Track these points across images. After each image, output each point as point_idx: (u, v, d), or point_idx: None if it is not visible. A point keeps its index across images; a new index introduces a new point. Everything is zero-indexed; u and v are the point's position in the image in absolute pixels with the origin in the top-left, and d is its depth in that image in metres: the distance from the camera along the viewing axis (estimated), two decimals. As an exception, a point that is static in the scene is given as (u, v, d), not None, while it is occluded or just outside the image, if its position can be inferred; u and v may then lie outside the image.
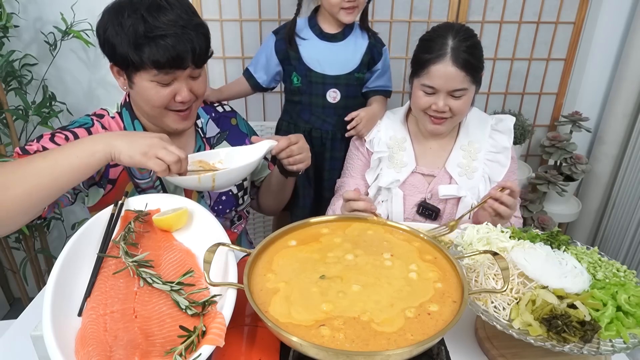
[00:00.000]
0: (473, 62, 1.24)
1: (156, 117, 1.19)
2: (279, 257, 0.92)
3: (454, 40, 1.24)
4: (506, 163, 1.38)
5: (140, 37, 1.05)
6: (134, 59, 1.07)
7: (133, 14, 1.06)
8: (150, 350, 0.73)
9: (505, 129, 1.40)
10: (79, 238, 0.91)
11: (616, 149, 2.14)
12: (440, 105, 1.27)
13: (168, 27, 1.06)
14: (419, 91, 1.30)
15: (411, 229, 1.01)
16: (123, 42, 1.07)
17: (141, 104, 1.17)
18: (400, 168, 1.40)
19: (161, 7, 1.07)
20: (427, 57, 1.26)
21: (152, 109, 1.16)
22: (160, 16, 1.07)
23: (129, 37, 1.06)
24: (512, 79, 2.10)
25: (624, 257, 2.13)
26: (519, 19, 1.98)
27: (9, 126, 1.88)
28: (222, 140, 1.38)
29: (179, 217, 1.00)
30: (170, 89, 1.13)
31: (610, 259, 0.98)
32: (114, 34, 1.07)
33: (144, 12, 1.06)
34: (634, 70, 1.96)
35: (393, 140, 1.43)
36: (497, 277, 0.90)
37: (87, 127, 1.17)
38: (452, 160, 1.39)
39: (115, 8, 1.09)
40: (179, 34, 1.07)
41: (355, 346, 0.73)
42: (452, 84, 1.25)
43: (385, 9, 1.94)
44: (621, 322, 0.83)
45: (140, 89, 1.13)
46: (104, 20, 1.10)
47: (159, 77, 1.10)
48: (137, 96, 1.16)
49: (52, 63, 1.94)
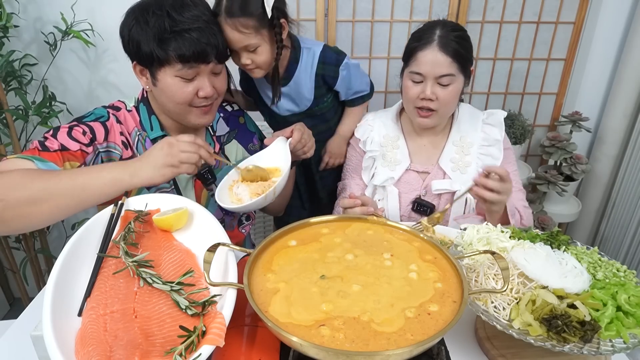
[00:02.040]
0: (460, 50, 1.25)
1: (179, 114, 1.21)
2: (279, 257, 0.92)
3: (442, 30, 1.26)
4: (499, 156, 1.38)
5: (165, 32, 1.09)
6: (159, 54, 1.10)
7: (158, 11, 1.10)
8: (150, 350, 0.73)
9: (496, 122, 1.40)
10: (79, 238, 0.91)
11: (616, 149, 2.14)
12: (428, 93, 1.27)
13: (192, 21, 1.11)
14: (408, 81, 1.31)
15: (411, 229, 1.01)
16: (148, 38, 1.10)
17: (165, 102, 1.19)
18: (394, 166, 1.40)
19: (185, 4, 1.12)
20: (415, 45, 1.28)
21: (176, 105, 1.18)
22: (185, 12, 1.11)
23: (155, 32, 1.09)
24: (512, 79, 2.10)
25: (624, 257, 2.13)
26: (519, 19, 1.98)
27: (9, 126, 1.88)
28: (231, 139, 1.40)
29: (179, 217, 1.00)
30: (193, 85, 1.15)
31: (610, 259, 0.98)
32: (139, 31, 1.10)
33: (169, 8, 1.10)
34: (634, 70, 1.96)
35: (386, 138, 1.43)
36: (497, 277, 0.90)
37: (102, 121, 1.18)
38: (445, 156, 1.40)
39: (141, 7, 1.13)
40: (203, 28, 1.11)
41: (355, 346, 0.73)
42: (438, 70, 1.25)
43: (385, 9, 1.94)
44: (621, 322, 0.83)
45: (164, 86, 1.15)
46: (129, 20, 1.13)
47: (182, 72, 1.12)
48: (161, 93, 1.18)
49: (52, 63, 1.94)
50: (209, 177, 1.31)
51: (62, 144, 1.10)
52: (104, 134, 1.18)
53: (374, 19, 1.95)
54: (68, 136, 1.12)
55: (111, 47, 1.96)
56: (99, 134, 1.17)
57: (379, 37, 1.99)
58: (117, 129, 1.20)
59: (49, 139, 1.11)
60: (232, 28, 1.23)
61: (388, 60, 2.03)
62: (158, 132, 1.25)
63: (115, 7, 1.88)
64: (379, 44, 2.01)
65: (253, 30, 1.25)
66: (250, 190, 1.17)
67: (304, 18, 1.94)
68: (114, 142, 1.20)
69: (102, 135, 1.17)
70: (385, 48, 2.01)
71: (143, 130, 1.24)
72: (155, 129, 1.25)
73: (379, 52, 2.02)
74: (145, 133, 1.24)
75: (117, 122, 1.20)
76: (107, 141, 1.18)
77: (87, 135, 1.15)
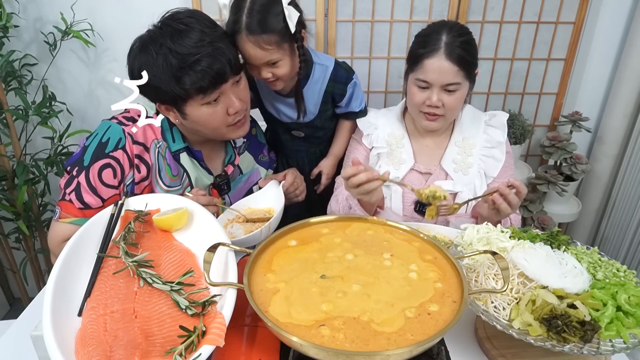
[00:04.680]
0: (466, 57, 1.25)
1: (216, 135, 1.22)
2: (279, 257, 0.92)
3: (448, 35, 1.25)
4: (501, 158, 1.38)
5: (177, 70, 1.06)
6: (179, 93, 1.08)
7: (160, 50, 1.06)
8: (150, 350, 0.73)
9: (499, 124, 1.40)
10: (79, 238, 0.91)
11: (616, 149, 2.13)
12: (434, 100, 1.27)
13: (197, 48, 1.06)
14: (413, 87, 1.31)
15: (411, 229, 1.01)
16: (163, 81, 1.07)
17: (200, 130, 1.19)
18: (399, 165, 1.40)
19: (181, 31, 1.07)
20: (421, 52, 1.26)
21: (213, 130, 1.19)
22: (185, 40, 1.06)
23: (167, 74, 1.06)
24: (512, 79, 2.10)
25: (624, 257, 2.13)
26: (519, 19, 1.98)
27: (9, 126, 1.88)
28: (244, 150, 1.42)
29: (179, 217, 1.00)
30: (220, 106, 1.14)
31: (610, 259, 0.98)
32: (152, 77, 1.05)
33: (169, 43, 1.06)
34: (634, 70, 1.96)
35: (391, 137, 1.43)
36: (497, 277, 0.90)
37: (122, 147, 1.15)
38: (447, 157, 1.40)
39: (142, 48, 1.09)
40: (211, 53, 1.07)
41: (355, 346, 0.73)
42: (445, 78, 1.25)
43: (386, 9, 1.94)
44: (621, 322, 0.83)
45: (195, 118, 1.14)
46: (138, 65, 1.09)
47: (206, 99, 1.11)
48: (194, 124, 1.17)
49: (52, 63, 1.94)
50: (224, 187, 1.34)
51: (100, 196, 1.14)
52: (129, 164, 1.17)
53: (374, 19, 1.95)
54: (100, 182, 1.13)
55: (111, 47, 1.96)
56: (126, 166, 1.16)
57: (379, 37, 1.99)
58: (133, 152, 1.17)
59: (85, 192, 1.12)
60: (254, 45, 1.21)
61: (388, 60, 2.03)
62: (180, 144, 1.24)
63: (115, 7, 1.89)
64: (379, 44, 2.00)
65: (275, 46, 1.23)
66: (245, 229, 1.21)
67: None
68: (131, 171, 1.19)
69: (127, 166, 1.17)
70: (385, 48, 2.01)
71: (164, 141, 1.22)
72: (178, 141, 1.24)
73: (379, 52, 2.02)
74: (166, 144, 1.22)
75: (133, 144, 1.17)
76: (129, 170, 1.18)
77: (117, 174, 1.15)
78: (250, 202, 1.30)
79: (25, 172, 1.87)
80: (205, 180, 1.30)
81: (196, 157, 1.27)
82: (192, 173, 1.26)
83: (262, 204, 1.30)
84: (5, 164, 1.92)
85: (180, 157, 1.25)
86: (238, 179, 1.40)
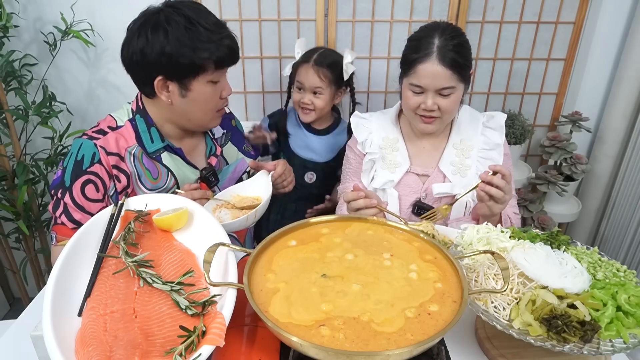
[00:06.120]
0: (460, 60, 1.24)
1: (201, 120, 1.24)
2: (279, 257, 0.92)
3: (440, 39, 1.24)
4: (499, 159, 1.38)
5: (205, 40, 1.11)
6: (199, 62, 1.12)
7: (183, 22, 1.10)
8: (150, 350, 0.73)
9: (497, 126, 1.40)
10: (79, 238, 0.91)
11: (616, 149, 2.13)
12: (429, 104, 1.27)
13: (218, 27, 1.14)
14: (408, 91, 1.31)
15: (411, 228, 1.01)
16: (185, 51, 1.10)
17: (193, 110, 1.20)
18: (394, 168, 1.40)
19: (200, 10, 1.14)
20: (414, 57, 1.26)
21: (206, 113, 1.23)
22: (209, 17, 1.14)
23: (190, 43, 1.10)
24: (512, 79, 2.10)
25: (624, 257, 2.13)
26: (519, 19, 1.98)
27: (9, 126, 1.88)
28: (227, 142, 1.45)
29: (179, 217, 1.00)
30: (218, 87, 1.20)
31: (610, 259, 0.98)
32: (167, 44, 1.09)
33: (194, 17, 1.11)
34: (634, 70, 1.96)
35: (386, 141, 1.43)
36: (497, 277, 0.90)
37: (98, 161, 1.16)
38: (445, 159, 1.39)
39: (153, 24, 1.11)
40: (230, 35, 1.17)
41: (355, 346, 0.73)
42: (439, 83, 1.25)
43: (386, 9, 1.94)
44: (621, 322, 0.83)
45: (197, 94, 1.17)
46: (142, 41, 1.11)
47: (214, 76, 1.17)
48: (191, 104, 1.19)
49: (52, 63, 1.94)
50: (212, 179, 1.35)
51: (89, 212, 1.15)
52: (107, 176, 1.18)
53: (374, 19, 1.95)
54: (85, 198, 1.15)
55: (111, 47, 1.96)
56: (105, 179, 1.17)
57: (379, 37, 1.99)
58: (110, 163, 1.18)
59: (74, 211, 1.14)
60: (315, 72, 1.64)
61: (388, 60, 2.03)
62: (159, 143, 1.24)
63: (115, 7, 1.89)
64: (379, 44, 2.00)
65: (327, 81, 1.66)
66: (232, 214, 1.25)
67: (304, 18, 1.94)
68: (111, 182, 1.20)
69: (107, 178, 1.18)
70: (385, 48, 2.01)
71: (139, 146, 1.22)
72: (156, 141, 1.24)
73: (379, 52, 2.02)
74: (141, 149, 1.22)
75: (107, 155, 1.17)
76: (110, 182, 1.19)
77: (100, 188, 1.16)
78: (239, 190, 1.33)
79: (25, 172, 1.87)
80: (192, 176, 1.31)
81: (178, 155, 1.28)
82: (176, 171, 1.27)
83: (250, 192, 1.33)
84: (5, 164, 1.92)
85: (162, 158, 1.25)
86: (225, 169, 1.42)
